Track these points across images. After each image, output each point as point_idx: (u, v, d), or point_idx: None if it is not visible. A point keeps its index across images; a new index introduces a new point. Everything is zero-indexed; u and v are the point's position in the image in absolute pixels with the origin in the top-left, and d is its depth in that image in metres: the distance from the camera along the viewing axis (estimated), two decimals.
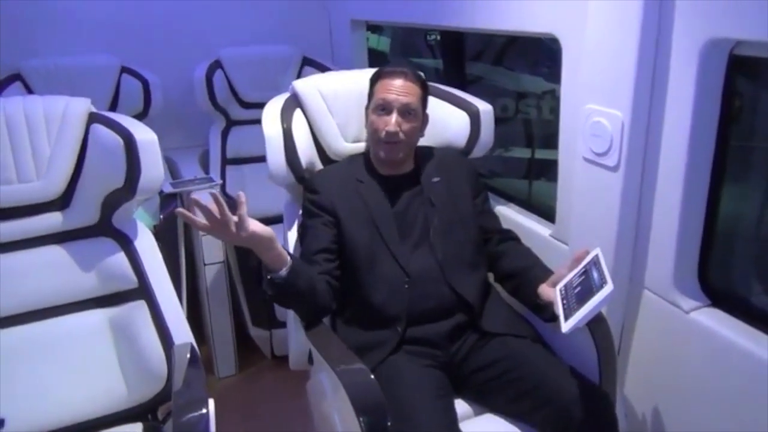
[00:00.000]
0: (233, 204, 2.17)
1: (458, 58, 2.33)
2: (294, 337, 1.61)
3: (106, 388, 1.44)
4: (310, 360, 1.62)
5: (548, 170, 2.62)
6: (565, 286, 1.28)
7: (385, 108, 1.51)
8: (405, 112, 1.50)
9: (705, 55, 1.16)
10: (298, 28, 2.89)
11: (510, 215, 1.79)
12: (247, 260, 2.22)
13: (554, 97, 2.76)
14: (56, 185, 1.45)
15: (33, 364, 1.41)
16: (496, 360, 1.41)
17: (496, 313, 1.52)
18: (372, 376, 1.21)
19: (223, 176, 2.64)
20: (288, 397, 2.13)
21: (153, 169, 1.43)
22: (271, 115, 1.61)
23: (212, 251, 2.20)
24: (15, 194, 1.42)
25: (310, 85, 1.68)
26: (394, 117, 1.49)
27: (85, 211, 1.48)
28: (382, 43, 3.50)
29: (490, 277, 1.62)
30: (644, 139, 1.28)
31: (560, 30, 1.47)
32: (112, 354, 1.46)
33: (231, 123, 2.71)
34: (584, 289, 1.19)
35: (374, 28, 2.99)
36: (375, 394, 1.18)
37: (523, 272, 1.50)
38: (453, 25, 1.92)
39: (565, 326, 1.16)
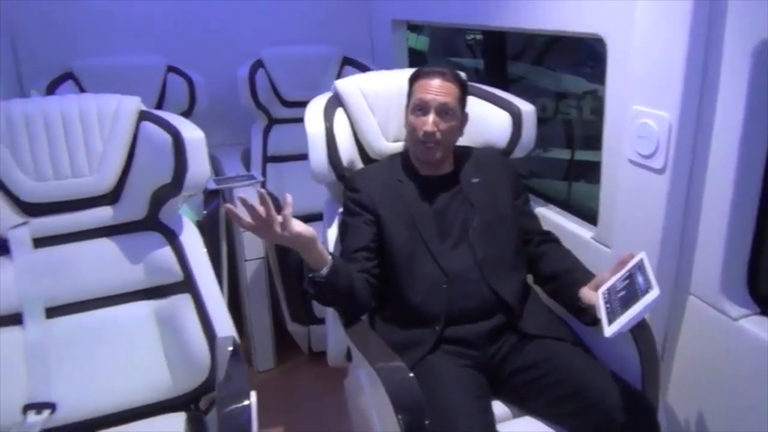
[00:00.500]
0: (275, 201, 2.21)
1: (500, 58, 2.32)
2: (333, 333, 1.63)
3: (151, 377, 1.48)
4: (348, 357, 1.64)
5: (588, 172, 2.58)
6: (608, 290, 1.26)
7: (422, 108, 1.51)
8: (442, 111, 1.50)
9: (758, 56, 1.12)
10: (339, 28, 2.92)
11: (550, 217, 1.78)
12: (287, 257, 2.25)
13: (596, 97, 2.73)
14: (108, 180, 1.50)
15: (83, 352, 1.46)
16: (536, 362, 1.40)
17: (535, 315, 1.51)
18: (411, 374, 1.22)
19: (263, 173, 2.68)
20: (325, 392, 2.15)
21: (200, 166, 1.46)
22: (313, 113, 1.64)
23: (253, 247, 2.24)
24: (69, 188, 1.48)
25: (351, 85, 1.70)
26: (431, 117, 1.50)
27: (134, 205, 1.53)
28: (421, 43, 3.50)
29: (530, 278, 1.61)
30: (692, 141, 1.26)
31: (606, 30, 1.45)
32: (157, 345, 1.51)
33: (272, 121, 2.75)
34: (629, 293, 1.18)
35: (413, 27, 2.99)
36: (414, 392, 1.19)
37: (564, 274, 1.49)
38: (496, 25, 1.90)
39: (608, 330, 1.14)
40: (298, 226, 1.27)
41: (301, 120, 2.71)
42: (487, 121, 1.71)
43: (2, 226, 1.43)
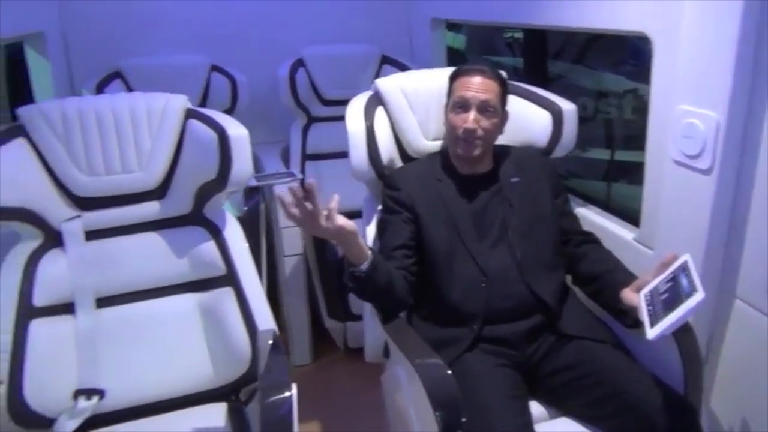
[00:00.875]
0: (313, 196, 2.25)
1: (540, 56, 2.30)
2: (371, 329, 1.64)
3: (194, 367, 1.53)
4: (385, 353, 1.65)
5: (628, 172, 2.54)
6: (651, 291, 1.24)
7: (463, 105, 1.51)
8: (483, 108, 1.50)
9: None
10: (378, 27, 2.93)
11: (590, 217, 1.76)
12: (325, 253, 2.28)
13: (637, 96, 2.68)
14: (155, 176, 1.55)
15: (130, 341, 1.51)
16: (575, 363, 1.39)
17: (574, 315, 1.50)
18: (449, 371, 1.23)
19: (302, 171, 2.72)
20: (360, 388, 2.18)
21: (244, 163, 1.50)
22: (354, 112, 1.66)
23: (292, 244, 2.27)
24: (119, 183, 1.53)
25: (392, 84, 1.72)
26: (472, 114, 1.50)
27: (180, 200, 1.58)
28: (458, 41, 3.49)
29: (568, 279, 1.59)
30: (741, 141, 1.23)
31: (652, 28, 1.43)
32: (200, 336, 1.55)
33: (311, 120, 2.78)
34: (672, 295, 1.16)
35: (450, 25, 2.98)
36: (451, 389, 1.20)
37: (605, 275, 1.47)
38: (539, 24, 1.89)
39: (651, 333, 1.13)
40: (341, 220, 1.29)
41: (339, 119, 2.73)
42: (528, 119, 1.71)
43: (57, 219, 1.49)
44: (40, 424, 1.38)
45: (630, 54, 2.86)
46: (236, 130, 1.49)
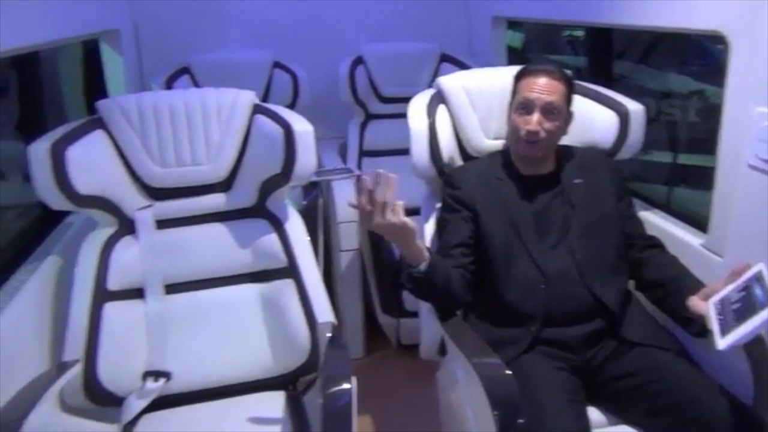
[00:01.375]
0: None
1: (605, 56, 2.25)
2: (427, 326, 1.65)
3: (255, 355, 1.58)
4: (441, 351, 1.66)
5: (692, 176, 2.46)
6: (722, 300, 1.20)
7: (526, 107, 1.50)
8: (548, 111, 1.48)
9: None
10: (438, 25, 2.93)
11: (655, 221, 1.71)
12: (380, 249, 2.31)
13: (703, 97, 2.59)
14: (223, 169, 1.61)
15: (195, 327, 1.57)
16: (637, 370, 1.36)
17: (637, 321, 1.47)
18: (508, 371, 1.22)
19: (359, 167, 2.75)
20: (413, 385, 2.19)
21: (307, 158, 1.54)
22: (417, 109, 1.67)
23: (348, 239, 2.31)
24: (189, 175, 1.59)
25: (455, 81, 1.72)
26: (536, 116, 1.48)
27: (245, 193, 1.63)
28: (516, 39, 3.45)
29: (631, 284, 1.56)
30: None
31: (730, 27, 1.37)
32: (261, 326, 1.60)
33: (369, 116, 2.81)
34: (745, 305, 1.12)
35: (508, 23, 2.95)
36: (511, 388, 1.20)
37: (671, 282, 1.43)
38: (608, 23, 1.85)
39: (722, 343, 1.09)
40: (406, 217, 1.30)
41: (397, 116, 2.77)
42: (592, 120, 1.68)
43: (131, 208, 1.56)
44: (111, 402, 1.46)
45: (697, 54, 2.77)
46: (302, 126, 1.53)
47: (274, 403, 1.53)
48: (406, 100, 2.79)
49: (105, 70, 2.37)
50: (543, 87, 1.49)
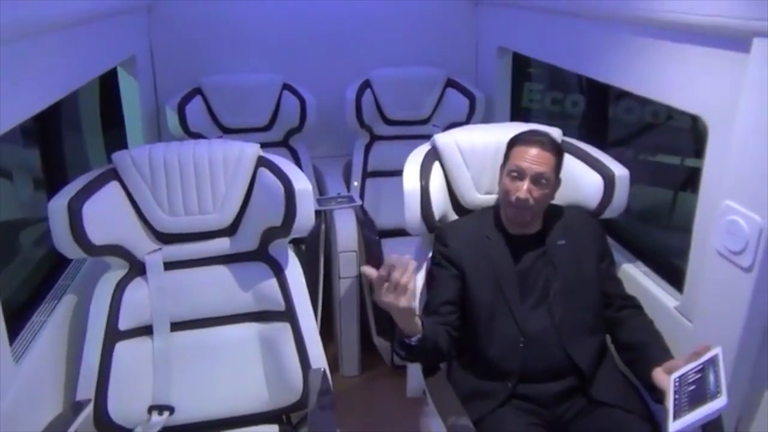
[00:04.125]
0: (370, 221, 2.36)
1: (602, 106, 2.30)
2: (413, 369, 1.76)
3: (251, 390, 1.70)
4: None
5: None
6: (680, 378, 1.29)
7: (518, 174, 1.58)
8: (537, 180, 1.56)
9: None
10: (445, 51, 2.99)
11: (636, 276, 1.79)
12: None
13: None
14: (227, 217, 1.71)
15: (198, 363, 1.70)
16: (602, 430, 1.47)
17: (607, 381, 1.57)
18: None
19: (363, 187, 2.84)
20: (403, 404, 2.30)
21: (306, 214, 1.63)
22: (411, 170, 1.75)
23: (348, 266, 2.41)
24: (196, 223, 1.70)
25: (449, 139, 1.80)
26: (526, 184, 1.56)
27: (248, 238, 1.73)
28: None
29: (609, 338, 1.65)
30: None
31: (708, 113, 1.44)
32: (259, 364, 1.72)
33: (374, 138, 2.89)
34: (698, 389, 1.21)
35: None
36: None
37: (641, 348, 1.53)
38: (601, 79, 1.91)
39: (673, 427, 1.19)
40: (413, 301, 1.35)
41: (402, 137, 2.85)
42: (580, 181, 1.75)
43: (141, 252, 1.67)
44: None
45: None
46: (302, 185, 1.62)
47: None
48: (411, 122, 2.90)
49: (122, 95, 2.47)
50: (534, 158, 1.56)
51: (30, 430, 1.38)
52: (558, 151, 1.61)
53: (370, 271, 1.31)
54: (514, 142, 1.63)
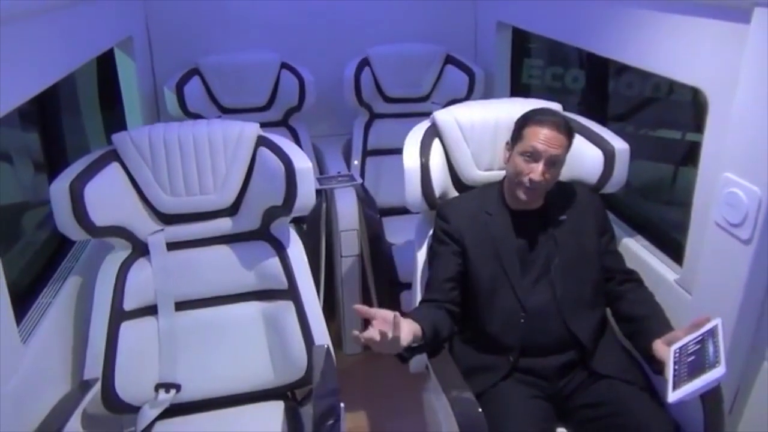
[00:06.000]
0: (371, 200, 2.37)
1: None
2: None
3: (256, 368, 1.73)
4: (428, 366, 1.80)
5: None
6: (680, 349, 1.31)
7: (533, 155, 1.54)
8: (552, 162, 1.54)
9: None
10: (444, 27, 2.97)
11: (636, 250, 1.80)
12: (379, 256, 2.43)
13: None
14: (228, 197, 1.72)
15: (203, 342, 1.72)
16: (602, 402, 1.49)
17: (608, 353, 1.58)
18: (480, 410, 1.36)
19: (363, 166, 2.84)
20: (405, 380, 2.32)
21: (307, 193, 1.64)
22: (411, 147, 1.75)
23: (350, 245, 2.43)
24: (197, 203, 1.71)
25: (449, 116, 1.79)
26: (540, 166, 1.53)
27: (249, 218, 1.74)
28: None
29: (609, 312, 1.67)
30: None
31: (709, 84, 1.44)
32: (263, 342, 1.74)
33: (374, 116, 2.88)
34: (697, 360, 1.23)
35: None
36: (480, 425, 1.33)
37: (641, 320, 1.54)
38: (601, 52, 1.90)
39: (672, 396, 1.21)
40: (406, 335, 1.38)
41: (401, 115, 2.84)
42: (580, 156, 1.75)
43: (144, 233, 1.68)
44: (128, 411, 1.63)
45: None
46: (302, 163, 1.62)
47: (274, 412, 1.69)
48: (411, 100, 2.89)
49: (119, 76, 2.46)
50: (551, 140, 1.53)
51: (40, 409, 1.40)
52: (570, 131, 1.58)
53: (363, 310, 1.39)
54: (527, 121, 1.59)
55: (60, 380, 1.56)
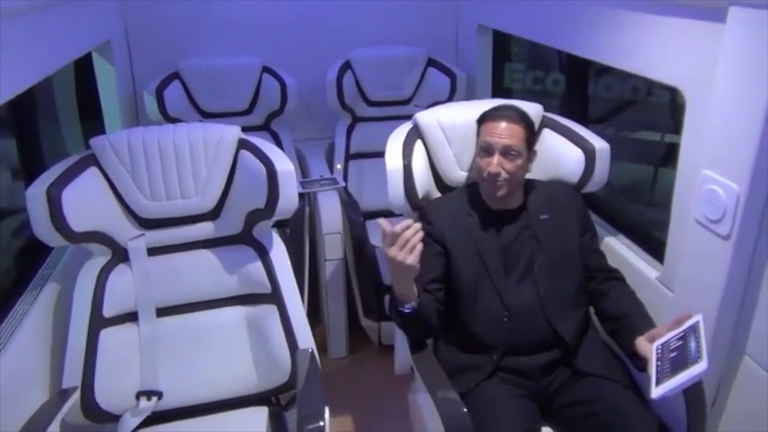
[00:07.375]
0: (354, 203, 2.38)
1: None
2: (400, 348, 1.78)
3: (239, 373, 1.71)
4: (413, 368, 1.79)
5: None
6: (663, 345, 1.32)
7: (487, 150, 1.60)
8: (507, 153, 1.57)
9: None
10: (426, 30, 2.97)
11: (617, 249, 1.81)
12: (363, 259, 2.42)
13: None
14: (210, 201, 1.70)
15: (185, 348, 1.70)
16: (586, 400, 1.50)
17: (591, 352, 1.59)
18: (465, 410, 1.35)
19: (346, 169, 2.84)
20: (391, 382, 2.32)
21: (289, 196, 1.63)
22: (394, 149, 1.75)
23: (333, 248, 2.42)
24: (178, 207, 1.69)
25: (431, 117, 1.80)
26: (496, 158, 1.58)
27: (231, 222, 1.72)
28: None
29: (592, 310, 1.68)
30: (761, 214, 1.27)
31: (686, 83, 1.45)
32: (246, 346, 1.72)
33: (356, 119, 2.88)
34: (679, 356, 1.24)
35: None
36: (465, 425, 1.33)
37: (624, 318, 1.55)
38: (579, 53, 1.91)
39: (655, 392, 1.22)
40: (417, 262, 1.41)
41: (383, 119, 2.84)
42: (561, 156, 1.76)
43: (124, 238, 1.66)
44: (108, 419, 1.59)
45: None
46: (284, 166, 1.61)
47: (258, 417, 1.67)
48: (393, 103, 2.89)
49: (98, 81, 2.43)
50: (502, 131, 1.58)
51: (16, 418, 1.37)
52: (527, 124, 1.62)
53: (386, 224, 1.40)
54: (483, 119, 1.66)
55: (38, 389, 1.53)
